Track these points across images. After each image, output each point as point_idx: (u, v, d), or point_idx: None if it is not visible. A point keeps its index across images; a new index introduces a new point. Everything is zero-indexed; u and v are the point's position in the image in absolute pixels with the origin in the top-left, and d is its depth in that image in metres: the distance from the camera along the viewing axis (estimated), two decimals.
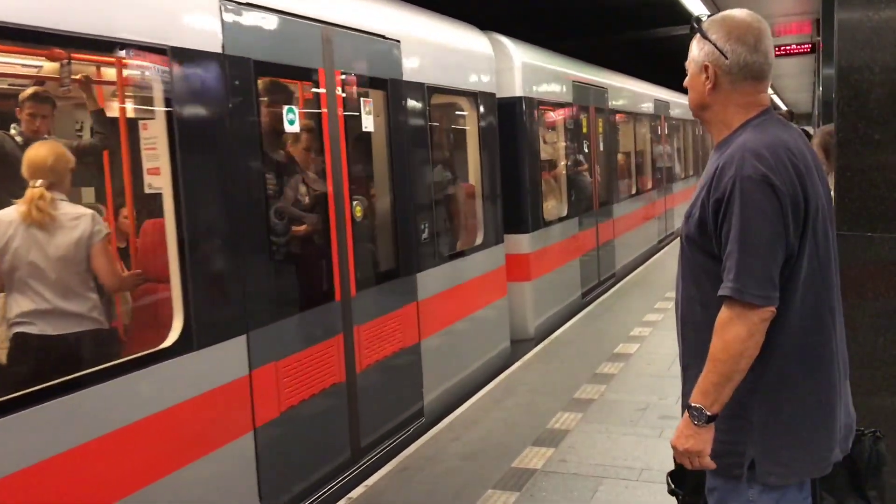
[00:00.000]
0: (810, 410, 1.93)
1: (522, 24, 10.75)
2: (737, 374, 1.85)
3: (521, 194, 6.95)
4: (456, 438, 4.69)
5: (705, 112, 2.06)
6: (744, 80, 1.98)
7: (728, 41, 1.98)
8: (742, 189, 1.83)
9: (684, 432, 1.93)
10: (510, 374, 5.99)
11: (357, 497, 4.00)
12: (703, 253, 1.95)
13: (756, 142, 1.90)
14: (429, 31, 5.47)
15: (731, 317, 1.84)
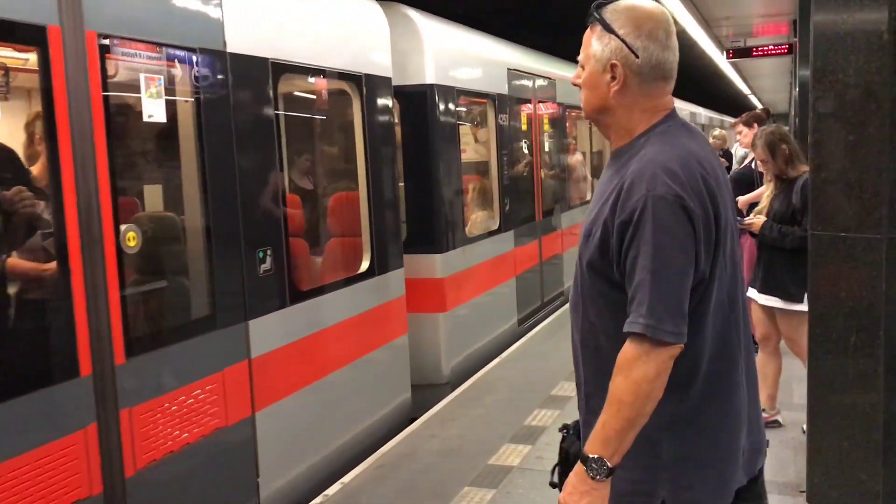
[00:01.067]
0: (719, 442, 1.79)
1: (500, 19, 9.94)
2: (641, 418, 1.65)
3: (433, 205, 5.59)
4: (433, 435, 4.66)
5: (605, 116, 1.83)
6: (653, 81, 1.79)
7: (639, 37, 1.76)
8: (654, 211, 1.64)
9: (579, 488, 1.68)
10: (487, 372, 5.91)
11: (333, 495, 3.95)
12: (604, 279, 1.76)
13: (666, 155, 1.71)
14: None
15: (638, 355, 1.64)
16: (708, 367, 1.76)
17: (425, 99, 5.51)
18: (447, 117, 5.74)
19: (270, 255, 3.68)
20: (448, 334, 5.69)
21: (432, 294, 5.60)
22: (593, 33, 1.81)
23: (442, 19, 6.03)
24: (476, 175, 6.77)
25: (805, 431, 4.36)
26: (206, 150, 3.33)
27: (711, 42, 14.11)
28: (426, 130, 5.55)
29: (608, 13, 1.79)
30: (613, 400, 1.66)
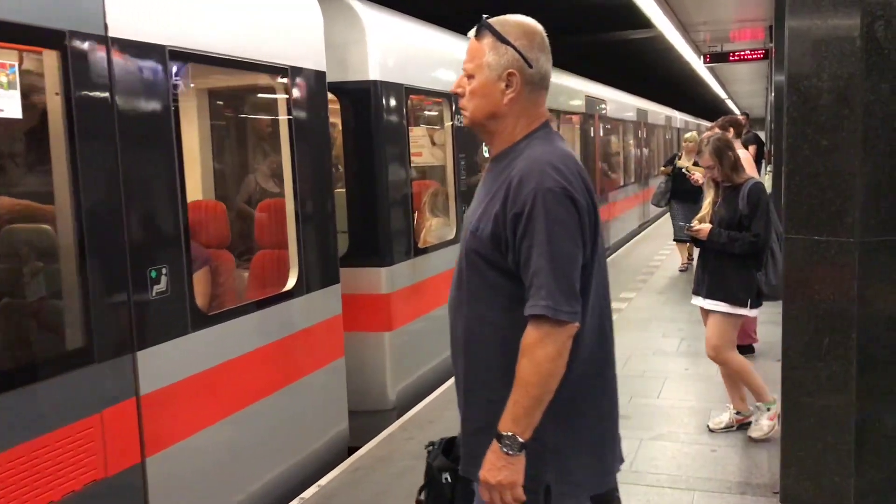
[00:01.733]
0: (599, 426, 1.93)
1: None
2: (547, 395, 1.80)
3: (377, 214, 5.08)
4: (411, 438, 4.60)
5: (494, 122, 1.93)
6: (540, 91, 1.95)
7: (532, 49, 1.91)
8: (545, 203, 1.78)
9: (496, 464, 1.81)
10: None
11: (309, 498, 3.91)
12: (495, 269, 1.87)
13: (551, 154, 1.86)
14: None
15: (541, 336, 1.77)
16: (588, 353, 1.88)
17: (369, 97, 5.00)
18: (394, 117, 5.23)
19: (166, 274, 3.16)
20: (394, 355, 5.18)
21: (377, 311, 5.09)
22: (483, 45, 1.90)
23: (390, 10, 5.53)
24: (431, 180, 6.28)
25: (711, 429, 4.60)
26: (79, 151, 2.80)
27: (689, 46, 14.02)
28: (370, 131, 5.04)
29: (500, 26, 1.90)
30: (521, 381, 1.78)
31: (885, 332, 3.30)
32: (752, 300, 4.35)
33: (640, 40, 16.09)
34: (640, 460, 4.28)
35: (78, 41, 2.79)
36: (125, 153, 2.98)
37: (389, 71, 5.17)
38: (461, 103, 1.98)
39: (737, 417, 4.63)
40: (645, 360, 6.24)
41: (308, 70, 4.19)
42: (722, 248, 4.36)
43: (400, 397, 5.26)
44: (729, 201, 4.41)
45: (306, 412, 4.17)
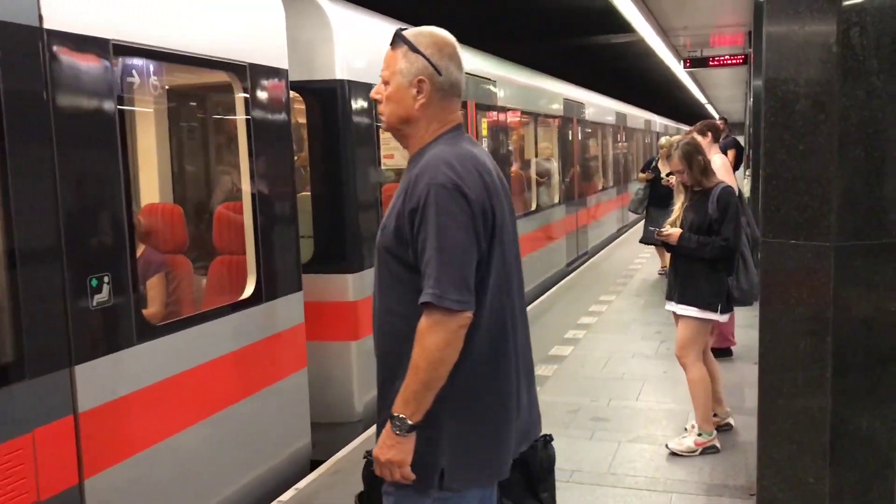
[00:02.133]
0: (494, 416, 1.99)
1: (463, 25, 9.56)
2: (436, 381, 1.87)
3: (344, 218, 4.90)
4: None
5: (408, 126, 2.05)
6: (450, 97, 2.05)
7: (441, 58, 2.02)
8: (436, 197, 1.87)
9: (386, 443, 1.92)
10: None
11: (288, 500, 3.90)
12: (401, 263, 1.96)
13: (447, 153, 1.96)
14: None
15: (430, 324, 1.85)
16: (482, 346, 1.95)
17: (336, 97, 4.82)
18: (363, 118, 5.05)
19: (108, 282, 2.96)
20: (362, 365, 5.00)
21: (343, 320, 4.91)
22: (398, 54, 2.03)
23: (359, 8, 5.35)
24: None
25: (687, 430, 4.57)
26: (9, 152, 2.60)
27: (669, 51, 14.04)
28: (337, 132, 4.86)
29: (412, 36, 2.03)
30: (412, 366, 1.87)
31: (859, 336, 3.34)
32: (722, 305, 4.31)
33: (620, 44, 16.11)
34: (618, 462, 4.31)
35: (8, 34, 2.59)
36: (63, 154, 2.78)
37: (358, 70, 4.99)
38: (379, 109, 2.10)
39: (714, 419, 4.62)
40: (624, 363, 6.23)
41: (268, 68, 4.00)
42: (692, 252, 4.34)
43: (368, 408, 5.08)
44: (699, 205, 4.39)
45: (264, 426, 3.98)
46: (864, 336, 3.34)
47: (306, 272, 4.66)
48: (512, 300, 2.03)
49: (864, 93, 3.22)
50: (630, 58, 18.77)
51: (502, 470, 2.03)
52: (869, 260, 3.32)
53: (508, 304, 2.01)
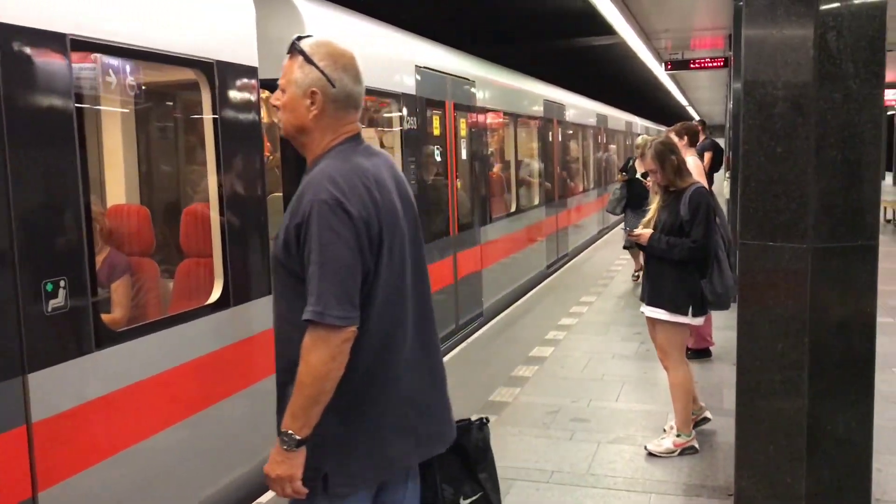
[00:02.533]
0: (381, 425, 2.02)
1: (445, 27, 9.52)
2: (323, 395, 1.89)
3: None
4: None
5: (303, 136, 2.07)
6: (345, 109, 2.05)
7: (336, 70, 2.02)
8: (319, 213, 1.89)
9: (276, 458, 1.94)
10: None
11: (266, 502, 3.85)
12: (291, 274, 1.98)
13: (333, 168, 1.98)
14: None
15: (313, 340, 1.88)
16: (370, 358, 1.99)
17: None
18: None
19: (65, 286, 2.85)
20: None
21: None
22: (294, 63, 2.05)
23: (333, 4, 5.26)
24: None
25: (666, 430, 4.53)
26: None
27: (650, 54, 14.08)
28: None
29: (307, 47, 2.04)
30: (298, 382, 1.91)
31: (835, 338, 3.38)
32: (693, 308, 4.25)
33: (603, 46, 16.13)
34: (597, 463, 4.31)
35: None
36: (14, 153, 2.67)
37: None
38: (277, 116, 2.12)
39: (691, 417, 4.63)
40: (604, 364, 6.22)
41: (237, 65, 3.90)
42: (662, 254, 4.30)
43: None
44: (671, 206, 4.34)
45: (236, 431, 3.87)
46: (840, 337, 3.38)
47: None
48: (405, 312, 2.05)
49: (841, 96, 3.25)
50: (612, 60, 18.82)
51: (387, 469, 2.08)
52: (845, 262, 3.35)
53: (400, 315, 2.03)
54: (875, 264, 3.41)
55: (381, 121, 6.07)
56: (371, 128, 5.98)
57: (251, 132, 4.03)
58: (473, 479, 2.23)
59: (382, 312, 1.99)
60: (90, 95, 3.18)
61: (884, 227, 15.06)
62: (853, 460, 3.43)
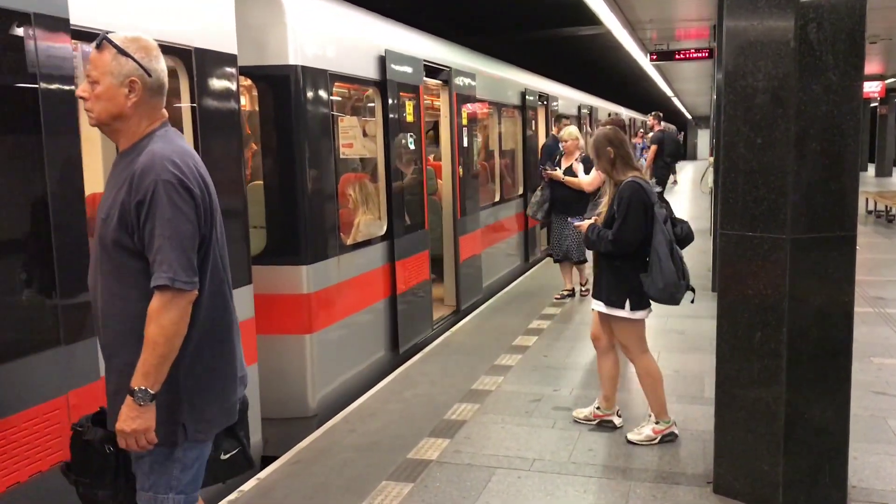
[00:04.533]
0: (221, 373, 2.33)
1: (430, 18, 9.40)
2: (172, 353, 2.16)
3: (298, 208, 4.77)
4: (352, 430, 4.68)
5: (119, 122, 2.24)
6: (159, 96, 2.28)
7: (150, 60, 2.24)
8: (165, 192, 2.13)
9: (130, 415, 2.16)
10: (409, 367, 5.88)
11: (248, 490, 3.94)
12: (125, 252, 2.19)
13: (168, 151, 2.21)
14: None
15: (164, 303, 2.13)
16: (209, 313, 2.27)
17: (289, 83, 4.68)
18: (317, 105, 4.92)
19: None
20: (316, 359, 4.88)
21: (297, 312, 4.79)
22: (105, 55, 2.21)
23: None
24: (362, 173, 5.97)
25: (647, 419, 4.49)
26: None
27: (635, 44, 14.03)
28: (290, 120, 4.72)
29: (121, 42, 2.21)
30: (149, 343, 2.14)
31: (813, 327, 3.40)
32: (631, 302, 4.19)
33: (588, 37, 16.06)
34: (578, 452, 4.31)
35: None
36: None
37: (312, 55, 4.86)
38: (86, 106, 2.25)
39: (595, 412, 4.65)
40: (586, 353, 6.18)
41: (216, 52, 3.85)
42: (592, 245, 4.32)
43: (322, 404, 4.97)
44: (614, 199, 4.27)
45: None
46: (817, 327, 3.40)
47: (259, 264, 4.53)
48: (228, 274, 2.35)
49: (821, 88, 3.26)
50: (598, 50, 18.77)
51: (232, 415, 2.39)
52: (824, 252, 3.37)
53: (226, 278, 2.34)
54: (853, 255, 3.42)
55: (367, 110, 6.03)
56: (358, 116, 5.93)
57: (230, 120, 3.98)
58: (233, 435, 2.44)
59: (213, 276, 2.27)
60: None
61: (865, 217, 15.15)
62: (830, 448, 3.46)
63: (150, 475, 2.27)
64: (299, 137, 4.75)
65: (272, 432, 4.53)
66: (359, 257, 5.43)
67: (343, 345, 5.22)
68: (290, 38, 4.64)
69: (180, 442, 2.26)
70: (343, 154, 5.46)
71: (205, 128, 3.75)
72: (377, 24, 6.15)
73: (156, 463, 2.26)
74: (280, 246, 4.77)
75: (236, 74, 4.02)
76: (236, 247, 4.02)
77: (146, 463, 2.27)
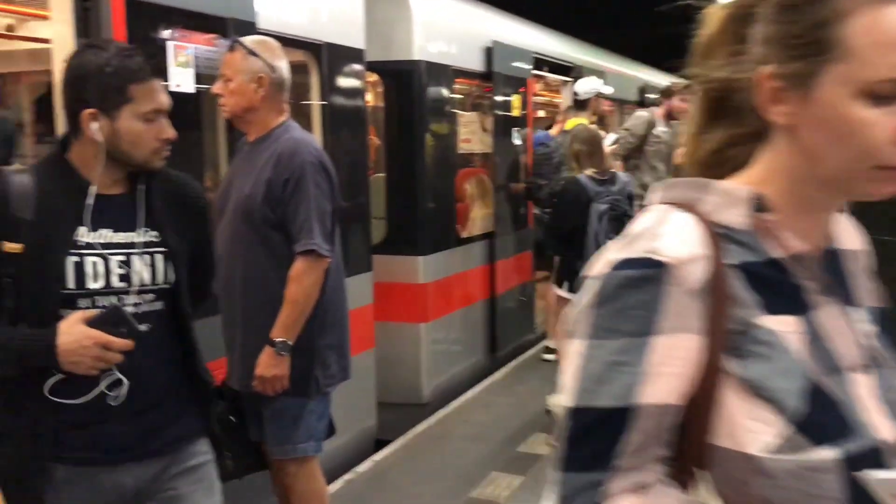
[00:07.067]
0: (341, 334, 2.68)
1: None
2: (308, 311, 2.48)
3: (417, 201, 4.88)
4: (464, 420, 4.78)
5: (250, 114, 2.53)
6: (282, 91, 2.56)
7: (275, 59, 2.53)
8: (310, 172, 2.44)
9: (270, 363, 2.46)
10: (521, 361, 5.92)
11: (364, 471, 4.03)
12: (268, 224, 2.48)
13: (308, 138, 2.62)
14: None
15: (307, 267, 2.45)
16: (331, 281, 2.57)
17: (412, 78, 4.79)
18: (439, 100, 5.01)
19: None
20: (430, 348, 4.98)
21: (413, 301, 4.90)
22: (237, 56, 2.50)
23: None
24: (479, 168, 6.01)
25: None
26: None
27: None
28: (412, 114, 4.83)
29: (249, 44, 2.51)
30: (290, 301, 2.45)
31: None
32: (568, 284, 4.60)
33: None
34: None
35: None
36: None
37: (435, 51, 4.95)
38: (221, 101, 2.55)
39: None
40: None
41: (345, 47, 4.00)
42: None
43: (434, 393, 5.07)
44: None
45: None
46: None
47: (378, 253, 4.67)
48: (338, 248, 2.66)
49: None
50: None
51: (347, 373, 2.72)
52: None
53: (338, 250, 2.63)
54: None
55: (485, 105, 6.07)
56: (476, 112, 5.98)
57: (357, 113, 4.13)
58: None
59: (337, 248, 2.59)
60: None
61: None
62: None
63: (290, 428, 2.56)
64: (421, 132, 4.85)
65: (386, 417, 4.66)
66: (474, 250, 5.49)
67: (458, 335, 5.29)
68: (415, 34, 4.76)
69: (313, 394, 2.56)
70: (461, 149, 5.53)
71: (333, 120, 3.90)
72: (486, 15, 6.16)
73: (296, 416, 2.56)
74: (398, 237, 4.89)
75: (363, 69, 4.16)
76: (358, 236, 4.17)
77: (288, 417, 2.56)
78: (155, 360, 1.79)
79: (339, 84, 3.98)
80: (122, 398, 1.71)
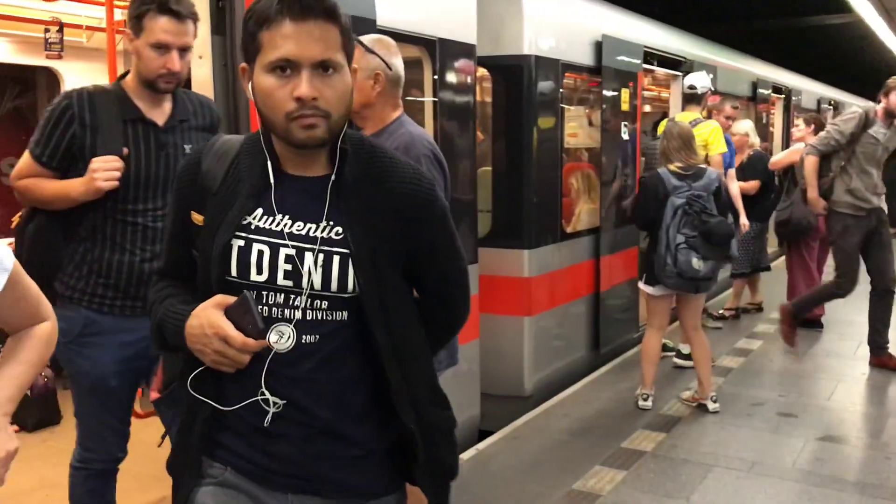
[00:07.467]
0: None
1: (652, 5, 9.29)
2: None
3: (523, 195, 4.90)
4: (566, 415, 4.80)
5: (367, 110, 2.56)
6: (397, 87, 2.62)
7: (390, 56, 2.57)
8: (427, 164, 2.46)
9: None
10: (625, 358, 5.94)
11: (467, 459, 4.10)
12: None
13: (422, 132, 2.66)
14: None
15: None
16: None
17: (522, 73, 4.82)
18: (548, 95, 5.02)
19: None
20: (533, 342, 5.00)
21: (517, 295, 4.93)
22: (356, 53, 2.29)
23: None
24: (585, 163, 5.98)
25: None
26: None
27: (892, 33, 12.58)
28: (520, 109, 4.86)
29: (367, 42, 2.53)
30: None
31: None
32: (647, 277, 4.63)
33: (834, 26, 14.70)
34: (803, 459, 4.15)
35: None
36: None
37: (544, 46, 4.96)
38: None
39: (693, 395, 4.88)
40: (816, 361, 5.96)
41: (458, 43, 4.07)
42: None
43: (536, 387, 5.09)
44: None
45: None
46: None
47: (483, 246, 4.73)
48: None
49: None
50: (844, 41, 17.12)
51: (457, 356, 2.87)
52: None
53: None
54: None
55: (593, 100, 6.03)
56: (583, 107, 5.94)
57: (468, 110, 4.21)
58: None
59: None
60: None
61: None
62: None
63: None
64: (529, 126, 4.88)
65: (489, 408, 4.71)
66: (579, 245, 5.47)
67: (555, 333, 5.29)
68: (525, 28, 4.78)
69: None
70: (567, 143, 5.52)
71: (445, 113, 3.99)
72: (597, 8, 6.10)
73: None
74: (504, 230, 4.94)
75: (475, 64, 4.23)
76: (465, 229, 4.24)
77: None
78: (329, 381, 1.47)
79: (452, 78, 4.06)
80: (269, 419, 1.45)
